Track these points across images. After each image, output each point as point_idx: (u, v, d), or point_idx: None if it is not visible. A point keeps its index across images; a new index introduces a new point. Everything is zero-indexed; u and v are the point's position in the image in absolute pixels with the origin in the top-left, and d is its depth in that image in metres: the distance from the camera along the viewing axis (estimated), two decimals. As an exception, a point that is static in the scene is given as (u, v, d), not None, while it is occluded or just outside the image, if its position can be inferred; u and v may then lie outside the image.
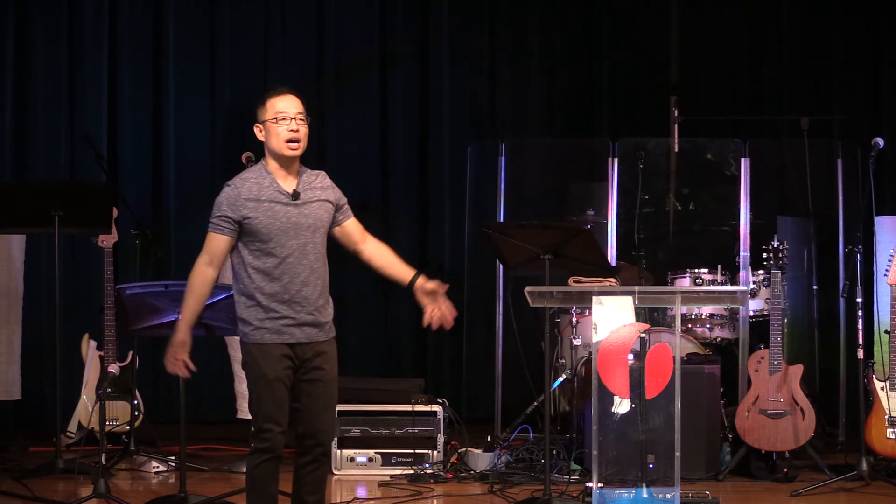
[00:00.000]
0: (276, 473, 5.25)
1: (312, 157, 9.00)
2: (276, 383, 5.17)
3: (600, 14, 9.69)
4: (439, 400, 7.60)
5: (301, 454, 5.31)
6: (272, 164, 5.26)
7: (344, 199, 5.39)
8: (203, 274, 5.21)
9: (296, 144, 5.22)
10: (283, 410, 5.19)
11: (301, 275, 5.20)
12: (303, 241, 5.21)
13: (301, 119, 5.25)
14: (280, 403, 5.18)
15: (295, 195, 5.23)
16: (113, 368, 6.92)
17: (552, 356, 7.97)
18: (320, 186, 5.32)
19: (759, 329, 7.99)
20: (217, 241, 5.20)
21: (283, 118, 5.22)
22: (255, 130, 5.29)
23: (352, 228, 5.39)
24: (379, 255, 5.39)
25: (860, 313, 7.31)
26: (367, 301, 9.41)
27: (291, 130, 5.21)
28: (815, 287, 8.68)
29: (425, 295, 5.29)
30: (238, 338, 5.26)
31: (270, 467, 5.21)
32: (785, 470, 7.23)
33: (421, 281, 5.30)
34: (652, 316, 7.83)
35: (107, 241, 7.72)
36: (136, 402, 7.88)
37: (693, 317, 8.06)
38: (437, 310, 5.27)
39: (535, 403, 8.17)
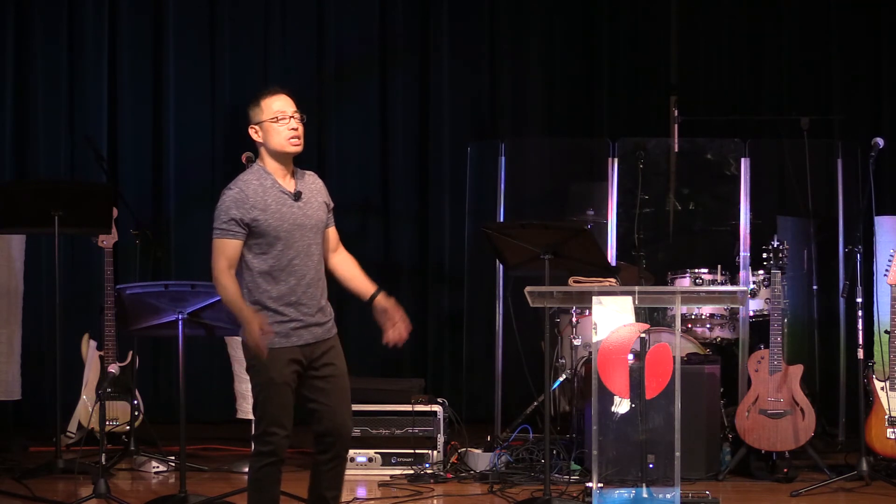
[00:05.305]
0: (279, 475, 5.23)
1: (313, 158, 9.03)
2: (283, 387, 5.14)
3: (600, 14, 9.68)
4: (439, 400, 7.60)
5: (322, 451, 5.26)
6: (271, 165, 5.25)
7: (331, 203, 5.39)
8: (233, 278, 5.14)
9: (297, 141, 5.22)
10: (288, 414, 5.17)
11: (307, 275, 5.20)
12: (307, 242, 5.21)
13: (298, 117, 5.26)
14: (286, 407, 5.16)
15: (297, 195, 5.23)
16: (113, 368, 6.91)
17: (552, 356, 7.97)
18: (316, 187, 5.33)
19: (759, 329, 7.98)
20: (232, 246, 5.14)
21: (283, 117, 5.22)
22: (251, 132, 5.27)
23: (330, 235, 5.38)
24: (345, 266, 5.39)
25: (860, 313, 7.30)
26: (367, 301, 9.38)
27: (292, 129, 5.22)
28: (815, 287, 8.67)
29: (382, 312, 5.29)
30: (238, 338, 5.23)
31: (273, 470, 5.19)
32: (785, 470, 7.22)
33: (380, 298, 5.31)
34: (652, 316, 7.83)
35: (107, 241, 7.72)
36: (136, 402, 7.87)
37: (693, 317, 8.06)
38: (395, 329, 5.29)
39: (535, 403, 8.17)
